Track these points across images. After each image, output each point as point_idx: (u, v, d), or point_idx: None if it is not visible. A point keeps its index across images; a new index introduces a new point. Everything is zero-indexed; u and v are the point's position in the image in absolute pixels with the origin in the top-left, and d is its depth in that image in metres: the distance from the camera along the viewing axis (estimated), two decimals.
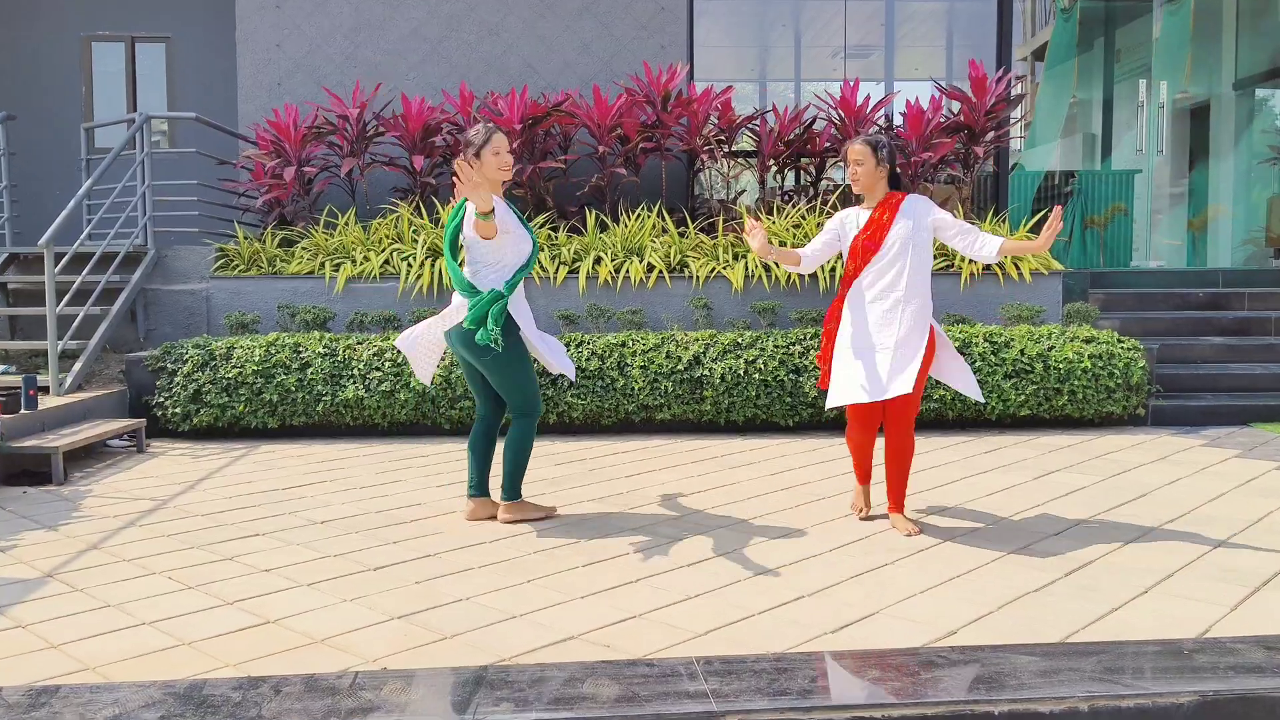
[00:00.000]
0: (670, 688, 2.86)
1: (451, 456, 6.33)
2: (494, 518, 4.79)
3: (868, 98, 8.57)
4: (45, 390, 6.84)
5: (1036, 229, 9.42)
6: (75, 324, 7.14)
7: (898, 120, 9.24)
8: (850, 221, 4.63)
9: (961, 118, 8.50)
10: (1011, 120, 8.97)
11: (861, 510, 4.80)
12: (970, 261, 7.79)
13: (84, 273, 7.35)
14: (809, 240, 7.88)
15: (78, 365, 7.04)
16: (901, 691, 2.82)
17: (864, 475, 4.81)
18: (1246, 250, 12.05)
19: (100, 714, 2.73)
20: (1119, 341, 7.14)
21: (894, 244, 4.45)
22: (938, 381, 6.93)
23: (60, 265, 7.14)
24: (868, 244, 4.50)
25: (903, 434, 4.54)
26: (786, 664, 3.05)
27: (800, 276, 7.61)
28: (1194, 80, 12.82)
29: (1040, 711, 2.77)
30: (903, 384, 4.34)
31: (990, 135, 8.62)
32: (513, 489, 4.74)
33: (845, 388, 4.44)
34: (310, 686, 2.89)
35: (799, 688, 2.86)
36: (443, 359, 6.77)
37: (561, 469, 5.94)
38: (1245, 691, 2.86)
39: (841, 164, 4.74)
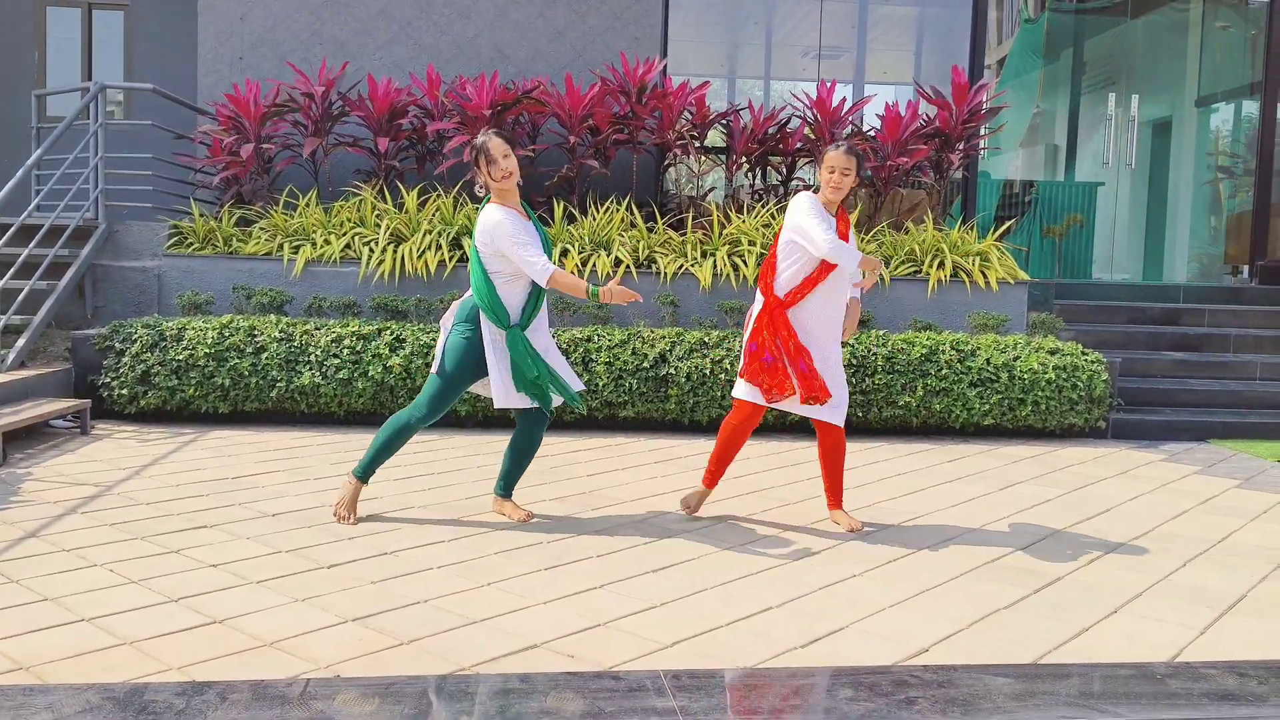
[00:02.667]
0: (637, 703, 2.76)
1: (410, 449, 6.17)
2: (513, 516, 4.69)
3: (844, 100, 8.50)
4: None
5: (1002, 238, 9.42)
6: (20, 299, 6.87)
7: (872, 123, 9.21)
8: (826, 215, 4.53)
9: (938, 124, 8.46)
10: (985, 130, 8.96)
11: (691, 509, 4.77)
12: (938, 267, 7.77)
13: (31, 245, 7.08)
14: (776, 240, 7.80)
15: (21, 341, 6.78)
16: (875, 713, 2.74)
17: (717, 476, 4.77)
18: (1205, 266, 12.19)
19: (34, 719, 2.57)
20: (1083, 354, 7.15)
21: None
22: (902, 388, 6.89)
23: (5, 237, 6.87)
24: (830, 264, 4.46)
25: (837, 432, 4.59)
26: (756, 680, 2.96)
27: None
28: (1156, 96, 12.93)
29: None
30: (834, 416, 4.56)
31: (964, 144, 8.61)
32: (362, 469, 4.58)
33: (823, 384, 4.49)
34: (258, 694, 2.75)
35: (770, 706, 2.78)
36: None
37: None
38: (1219, 719, 2.82)
39: (817, 167, 4.63)
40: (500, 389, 4.41)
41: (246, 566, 3.87)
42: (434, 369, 4.52)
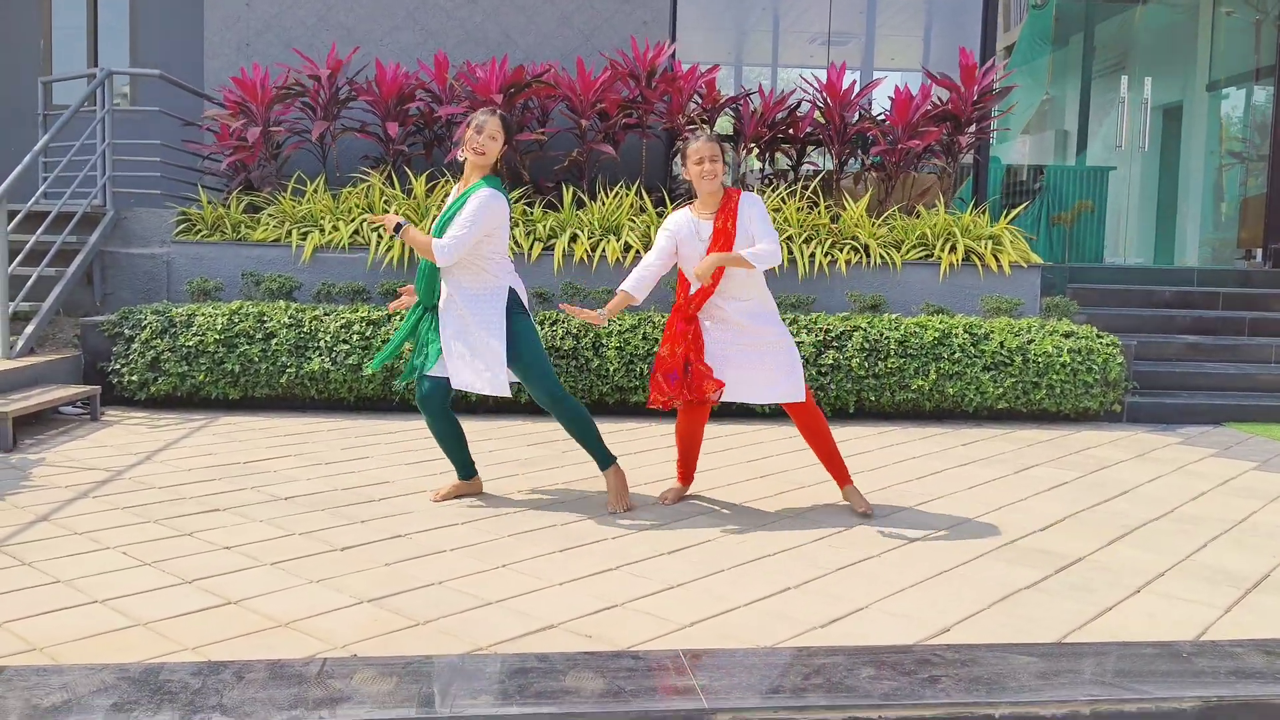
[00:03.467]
0: (657, 682, 2.73)
1: (421, 433, 6.14)
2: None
3: (854, 82, 8.44)
4: None
5: (1014, 223, 9.36)
6: (28, 285, 6.85)
7: (882, 106, 9.14)
8: (687, 232, 4.42)
9: (949, 106, 8.39)
10: (996, 112, 8.89)
11: (666, 499, 4.72)
12: (950, 251, 7.71)
13: (38, 232, 7.05)
14: (786, 225, 7.75)
15: (30, 328, 6.76)
16: (899, 692, 2.71)
17: (688, 472, 4.75)
18: (1216, 251, 12.11)
19: (48, 699, 2.55)
20: (1098, 337, 7.09)
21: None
22: (916, 371, 6.84)
23: (14, 224, 6.84)
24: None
25: (808, 415, 4.51)
26: (777, 659, 2.92)
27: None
28: (1166, 80, 12.83)
29: (1042, 715, 2.67)
30: (790, 390, 4.48)
31: (974, 127, 8.53)
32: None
33: (737, 387, 4.46)
34: (275, 674, 2.72)
35: (792, 685, 2.74)
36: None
37: (534, 450, 5.78)
38: (1248, 697, 2.78)
39: (681, 161, 4.53)
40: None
41: (259, 549, 3.84)
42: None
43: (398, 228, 4.26)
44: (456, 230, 4.22)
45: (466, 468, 4.68)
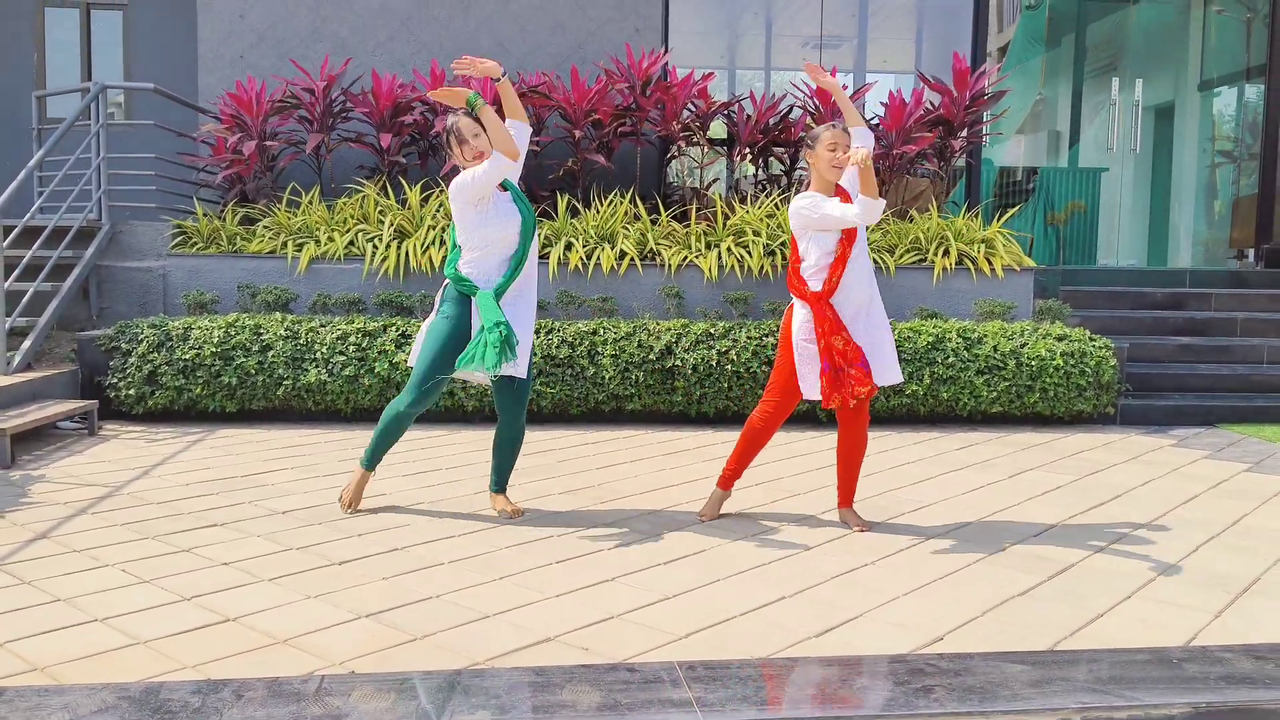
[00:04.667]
0: (653, 695, 2.75)
1: (418, 444, 6.16)
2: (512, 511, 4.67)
3: (844, 87, 8.47)
4: None
5: (1007, 225, 9.40)
6: (24, 301, 6.86)
7: (874, 111, 9.17)
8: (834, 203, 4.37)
9: (942, 111, 8.43)
10: (988, 116, 8.93)
11: (707, 516, 4.64)
12: (943, 255, 7.74)
13: (34, 247, 7.07)
14: (781, 230, 7.78)
15: (26, 343, 6.78)
16: (893, 702, 2.74)
17: (736, 477, 4.67)
18: (1209, 251, 12.15)
19: (49, 719, 2.57)
20: (1091, 340, 7.13)
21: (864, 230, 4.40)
22: (910, 376, 6.87)
23: (9, 239, 6.85)
24: (850, 232, 4.37)
25: (865, 426, 4.46)
26: (772, 670, 2.95)
27: (773, 267, 7.50)
28: (1158, 81, 12.88)
29: None
30: (898, 371, 4.46)
31: (966, 130, 8.58)
32: (367, 458, 4.63)
33: (882, 372, 4.39)
34: (274, 691, 2.75)
35: (787, 696, 2.77)
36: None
37: (531, 459, 5.80)
38: (1237, 703, 2.81)
39: (805, 150, 4.51)
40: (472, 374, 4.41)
41: (258, 564, 3.87)
42: (413, 354, 4.55)
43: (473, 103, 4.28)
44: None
45: (377, 462, 4.70)
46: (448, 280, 4.48)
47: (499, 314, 4.29)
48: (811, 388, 4.33)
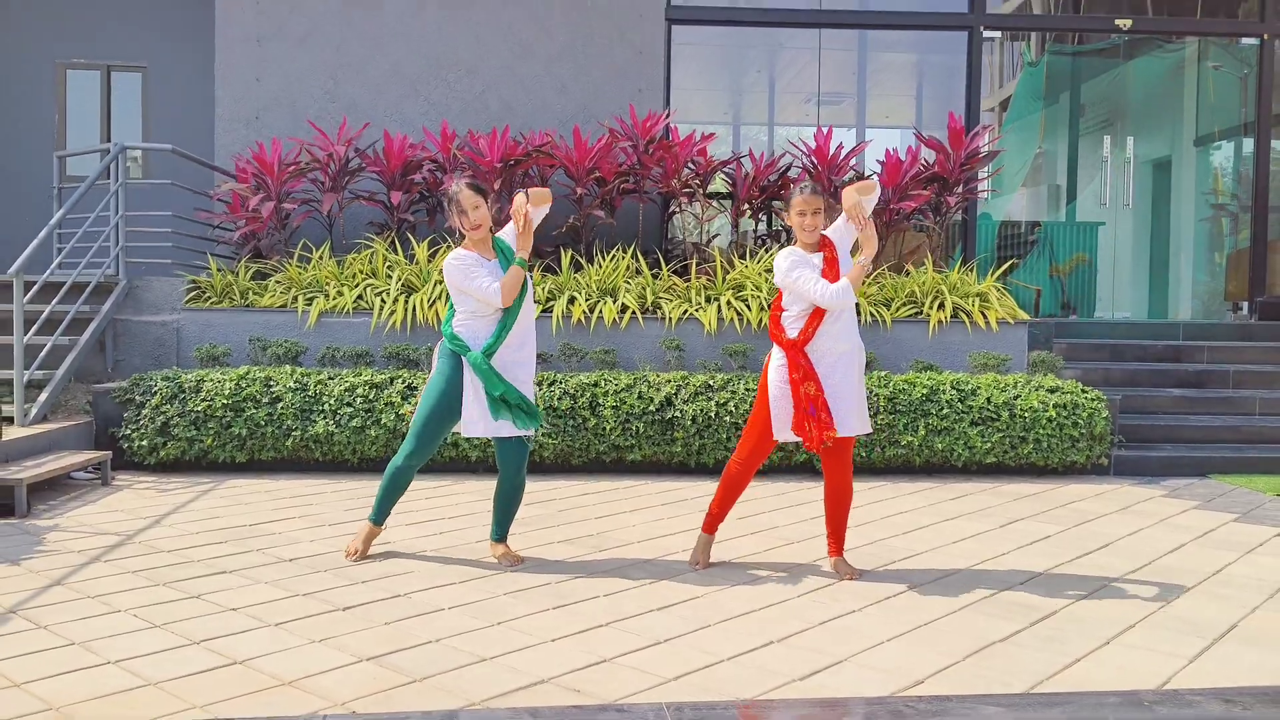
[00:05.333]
0: None
1: (421, 495, 6.31)
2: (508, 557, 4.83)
3: (840, 146, 8.72)
4: (9, 421, 6.76)
5: (1003, 277, 9.58)
6: (43, 354, 7.07)
7: (872, 167, 9.40)
8: (810, 262, 4.55)
9: (937, 168, 8.66)
10: (983, 174, 9.15)
11: (699, 564, 4.75)
12: (938, 308, 7.92)
13: (54, 302, 7.29)
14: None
15: (44, 396, 6.97)
16: None
17: (719, 521, 4.80)
18: (1206, 303, 12.30)
19: None
20: (1083, 391, 7.26)
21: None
22: (905, 427, 7.01)
23: (29, 295, 7.08)
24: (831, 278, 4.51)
25: (847, 474, 4.60)
26: (756, 712, 3.07)
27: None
28: (1155, 136, 13.13)
29: None
30: (866, 422, 4.59)
31: (962, 188, 8.79)
32: (374, 513, 4.83)
33: (845, 420, 4.50)
34: None
35: None
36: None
37: (532, 509, 5.94)
38: None
39: (786, 212, 4.71)
40: (471, 416, 4.59)
41: (265, 609, 4.01)
42: (418, 409, 4.75)
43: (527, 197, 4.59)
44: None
45: (385, 517, 4.87)
46: (442, 340, 4.70)
47: (496, 384, 4.50)
48: (783, 429, 4.50)
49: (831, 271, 4.52)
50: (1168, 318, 11.96)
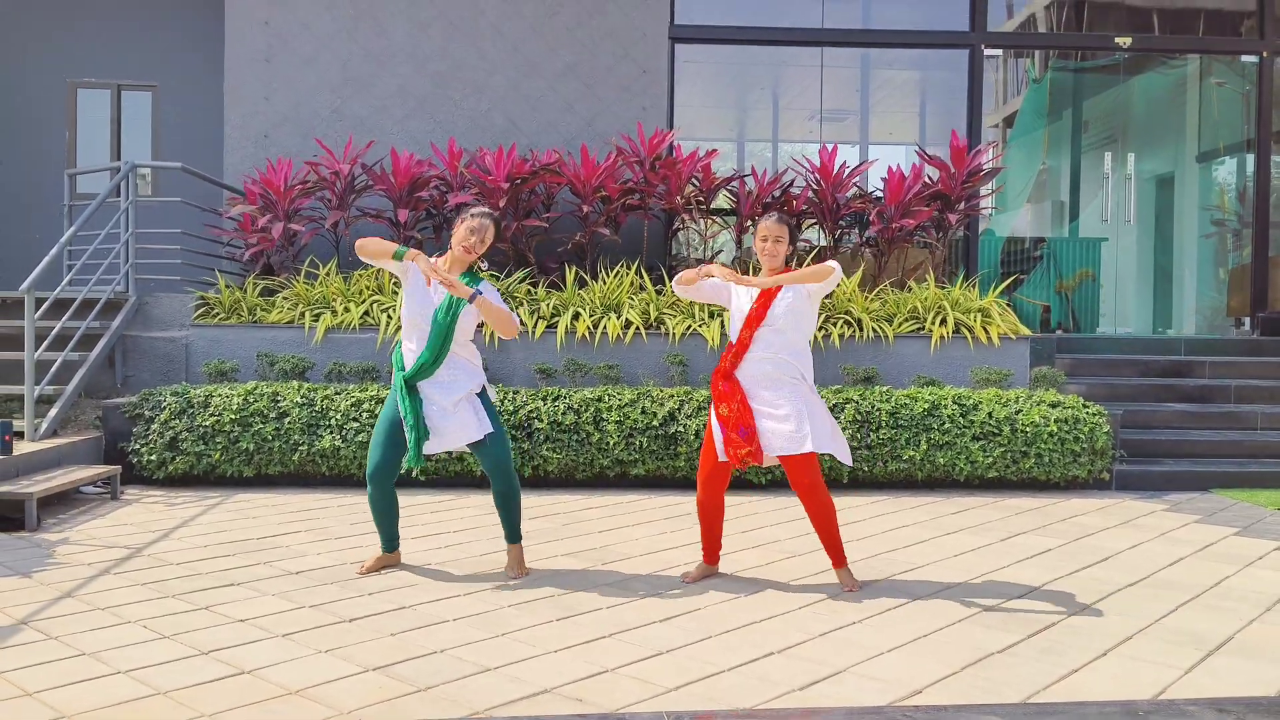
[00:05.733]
0: None
1: (427, 508, 6.37)
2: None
3: (844, 164, 8.80)
4: (20, 435, 6.84)
5: (1006, 293, 9.65)
6: (53, 369, 7.16)
7: (876, 184, 9.47)
8: (739, 289, 4.67)
9: (939, 186, 8.73)
10: (985, 191, 9.22)
11: (690, 578, 4.82)
12: (940, 324, 7.97)
13: (64, 318, 7.38)
14: None
15: (54, 411, 7.05)
16: None
17: (711, 549, 4.85)
18: (1209, 319, 12.34)
19: None
20: (1084, 406, 7.30)
21: (780, 314, 4.57)
22: (907, 442, 7.06)
23: (40, 311, 7.17)
24: (758, 312, 4.58)
25: (814, 494, 4.59)
26: None
27: None
28: (1158, 152, 13.20)
29: None
30: (805, 442, 4.52)
31: (964, 205, 8.86)
32: (382, 539, 4.96)
33: (772, 440, 4.55)
34: None
35: None
36: None
37: (536, 523, 6.00)
38: None
39: (753, 235, 4.82)
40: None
41: (272, 621, 4.06)
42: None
43: (473, 297, 4.60)
44: (505, 311, 4.69)
45: (394, 541, 4.96)
46: None
47: (405, 407, 4.64)
48: (720, 449, 4.62)
49: (760, 302, 4.58)
50: (1170, 333, 12.00)
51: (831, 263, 4.55)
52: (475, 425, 4.70)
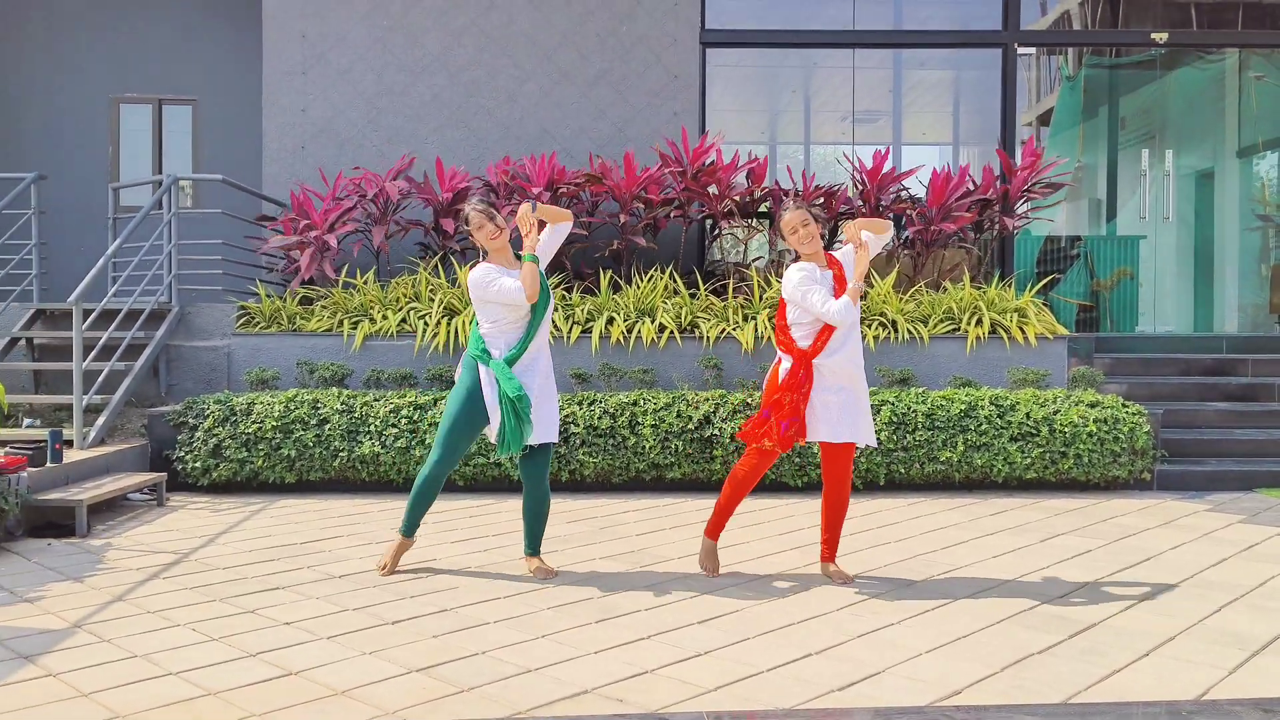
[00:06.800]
0: None
1: (466, 512, 6.43)
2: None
3: (893, 168, 8.82)
4: (69, 444, 6.99)
5: (1042, 292, 9.58)
6: (100, 379, 7.30)
7: (920, 190, 9.45)
8: (818, 278, 4.74)
9: (1001, 189, 8.72)
10: (1049, 202, 9.18)
11: (710, 571, 4.91)
12: (976, 324, 7.94)
13: (110, 329, 7.54)
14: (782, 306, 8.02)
15: (101, 420, 7.20)
16: None
17: (721, 526, 4.93)
18: (1252, 316, 12.17)
19: None
20: (1124, 406, 7.24)
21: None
22: (943, 443, 7.03)
23: (88, 322, 7.32)
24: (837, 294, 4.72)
25: (848, 483, 4.78)
26: None
27: None
28: (1198, 148, 13.04)
29: None
30: (869, 433, 4.76)
31: (1019, 208, 8.84)
32: (404, 525, 4.98)
33: (836, 427, 4.67)
34: None
35: None
36: None
37: (573, 526, 6.04)
38: None
39: (779, 235, 4.90)
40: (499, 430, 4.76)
41: (317, 623, 4.14)
42: (442, 419, 4.93)
43: (534, 207, 4.75)
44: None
45: (415, 527, 5.00)
46: (466, 351, 4.89)
47: (517, 386, 4.67)
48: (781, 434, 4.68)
49: (840, 289, 4.70)
50: (1212, 331, 11.85)
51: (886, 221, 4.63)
52: (555, 424, 4.85)
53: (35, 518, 5.95)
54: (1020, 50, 10.30)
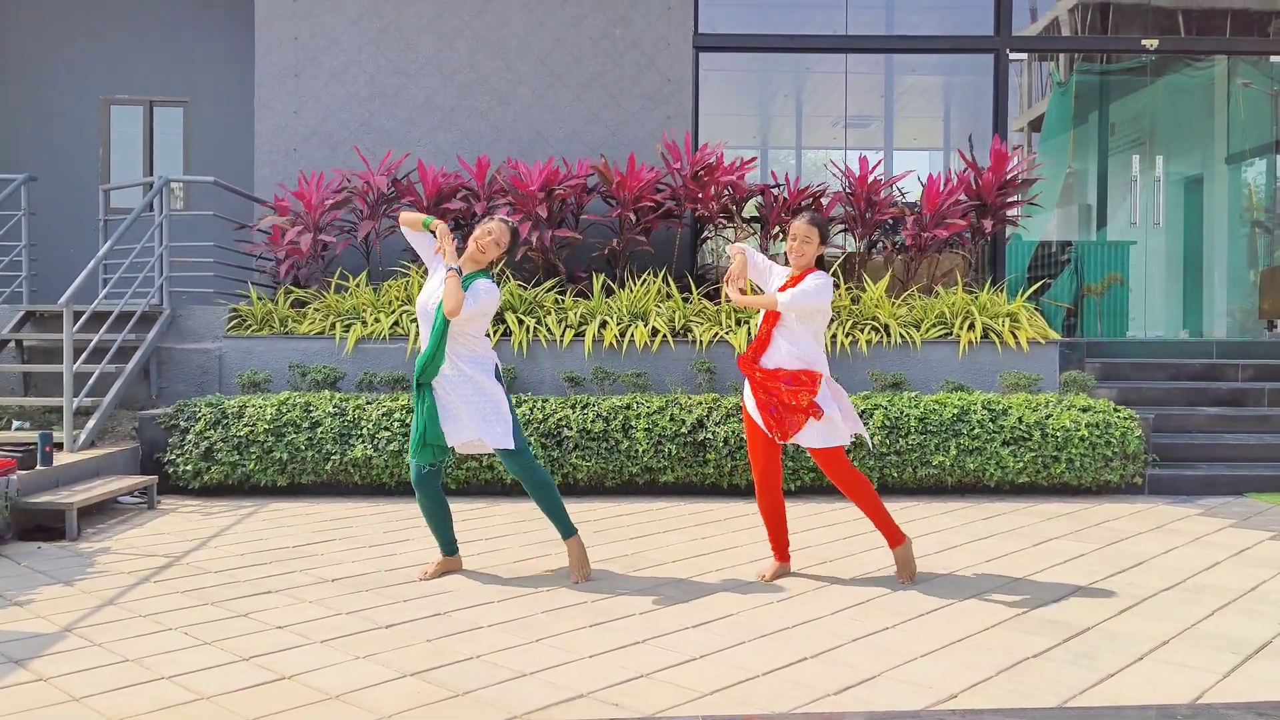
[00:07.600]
0: None
1: (460, 516, 6.41)
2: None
3: (881, 174, 8.84)
4: (59, 446, 6.95)
5: (1033, 298, 9.61)
6: (90, 381, 7.27)
7: (900, 190, 9.47)
8: (777, 272, 4.89)
9: (979, 190, 8.73)
10: (1020, 198, 9.19)
11: (765, 576, 4.96)
12: (968, 329, 7.96)
13: (101, 331, 7.50)
14: None
15: (91, 422, 7.16)
16: None
17: (781, 547, 5.00)
18: (1241, 321, 12.23)
19: None
20: (1115, 410, 7.27)
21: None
22: (936, 447, 7.04)
23: (78, 325, 7.29)
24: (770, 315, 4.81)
25: (848, 483, 4.80)
26: None
27: None
28: (1187, 154, 13.11)
29: None
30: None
31: (1000, 212, 8.85)
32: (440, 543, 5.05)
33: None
34: None
35: None
36: None
37: None
38: None
39: (784, 238, 4.96)
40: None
41: (310, 627, 4.12)
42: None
43: (450, 270, 4.69)
44: (471, 301, 4.70)
45: (451, 545, 5.03)
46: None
47: (419, 411, 4.79)
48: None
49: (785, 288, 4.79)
50: (1202, 336, 11.90)
51: (778, 298, 4.66)
52: (475, 427, 4.76)
53: (25, 521, 5.91)
54: (1012, 56, 10.33)
